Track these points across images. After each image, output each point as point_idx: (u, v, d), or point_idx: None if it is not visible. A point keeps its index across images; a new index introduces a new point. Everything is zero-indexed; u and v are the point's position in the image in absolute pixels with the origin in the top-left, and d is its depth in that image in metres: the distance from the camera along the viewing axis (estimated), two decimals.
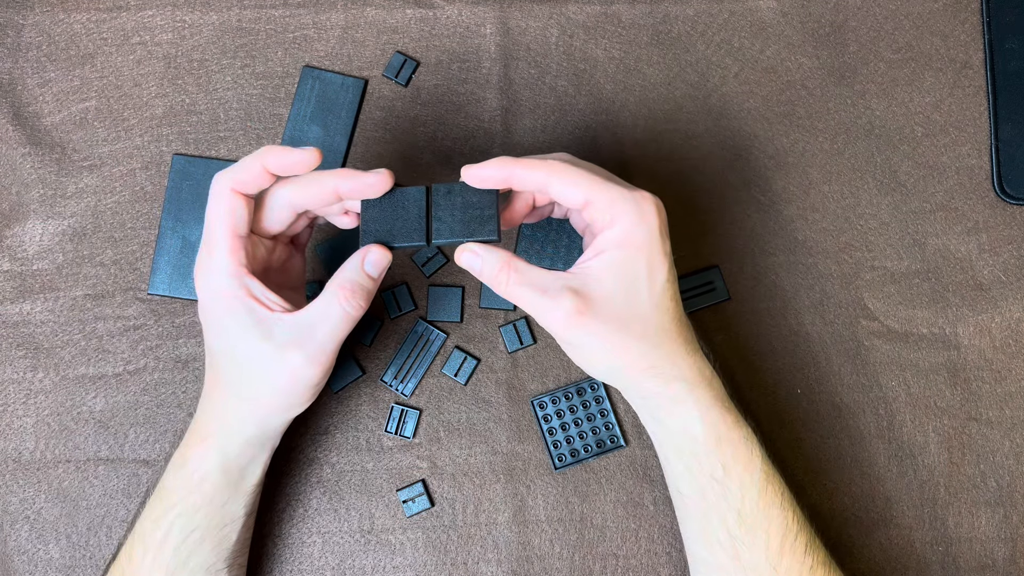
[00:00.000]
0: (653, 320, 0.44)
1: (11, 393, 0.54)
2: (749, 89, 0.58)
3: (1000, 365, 0.56)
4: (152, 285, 0.55)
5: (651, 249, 0.43)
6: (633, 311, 0.43)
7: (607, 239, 0.43)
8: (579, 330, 0.43)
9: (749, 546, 0.44)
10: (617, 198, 0.43)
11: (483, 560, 0.54)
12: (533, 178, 0.44)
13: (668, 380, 0.45)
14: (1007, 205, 0.57)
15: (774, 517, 0.45)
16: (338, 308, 0.44)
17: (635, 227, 0.43)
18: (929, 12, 0.59)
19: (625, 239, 0.43)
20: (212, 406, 0.46)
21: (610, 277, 0.43)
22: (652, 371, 0.44)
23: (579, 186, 0.43)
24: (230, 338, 0.44)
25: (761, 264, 0.56)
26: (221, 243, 0.43)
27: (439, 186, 0.45)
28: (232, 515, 0.47)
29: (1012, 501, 0.54)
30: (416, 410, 0.55)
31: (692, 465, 0.45)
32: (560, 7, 0.58)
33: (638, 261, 0.43)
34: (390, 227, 0.45)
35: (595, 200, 0.43)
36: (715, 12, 0.58)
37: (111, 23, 0.57)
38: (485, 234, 0.44)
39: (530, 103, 0.57)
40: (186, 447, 0.47)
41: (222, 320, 0.44)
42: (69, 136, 0.56)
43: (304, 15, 0.57)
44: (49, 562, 0.53)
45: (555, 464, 0.54)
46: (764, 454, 0.46)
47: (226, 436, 0.46)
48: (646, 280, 0.43)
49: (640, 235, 0.43)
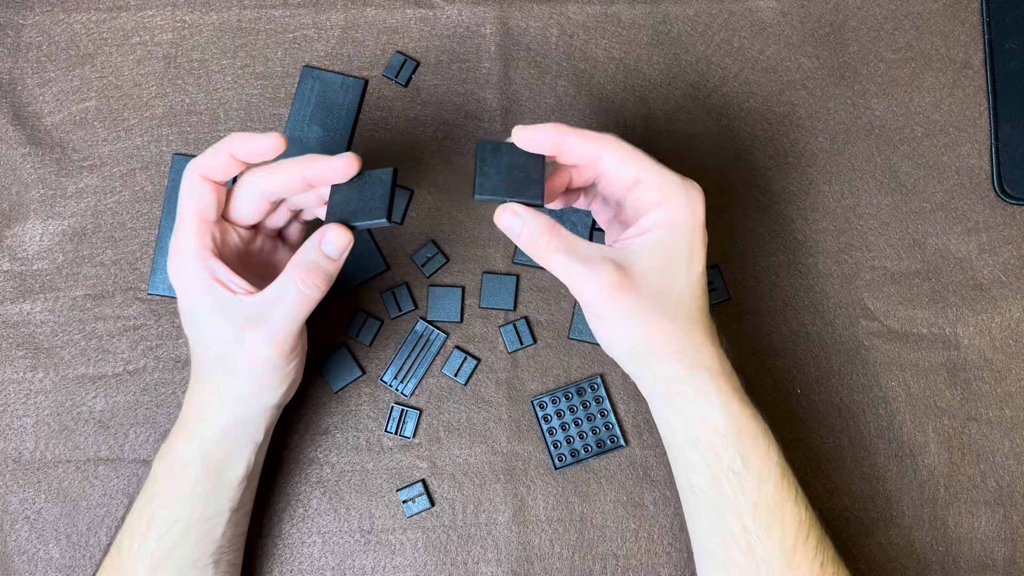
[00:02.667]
0: (686, 306, 0.44)
1: (11, 393, 0.54)
2: (749, 89, 0.58)
3: (1000, 365, 0.56)
4: (152, 285, 0.55)
5: (693, 236, 0.44)
6: (669, 293, 0.43)
7: (653, 219, 0.43)
8: (614, 303, 0.43)
9: (763, 540, 0.44)
10: (668, 181, 0.43)
11: (483, 560, 0.54)
12: (585, 149, 0.44)
13: (692, 367, 0.45)
14: (1007, 205, 0.57)
15: (788, 512, 0.45)
16: (294, 288, 0.43)
17: (682, 212, 0.43)
18: (929, 12, 0.59)
19: (672, 222, 0.43)
20: (192, 395, 0.47)
21: (652, 256, 0.43)
22: (678, 356, 0.44)
23: (631, 163, 0.43)
24: (198, 321, 0.45)
25: (761, 264, 0.56)
26: (188, 227, 0.44)
27: (486, 143, 0.44)
28: (216, 508, 0.47)
29: (1012, 501, 0.54)
30: (416, 410, 0.55)
31: (708, 456, 0.45)
32: (560, 7, 0.58)
33: (681, 245, 0.43)
34: (354, 207, 0.44)
35: (646, 180, 0.43)
36: (715, 12, 0.58)
37: (111, 23, 0.57)
38: (530, 196, 0.43)
39: (530, 103, 0.57)
40: (172, 437, 0.47)
41: (190, 305, 0.44)
42: (69, 136, 0.56)
43: (304, 15, 0.57)
44: (49, 562, 0.53)
45: (555, 464, 0.54)
46: (779, 449, 0.46)
47: (204, 424, 0.46)
48: (686, 265, 0.44)
49: (685, 220, 0.43)
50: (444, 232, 0.56)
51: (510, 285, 0.55)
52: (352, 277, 0.55)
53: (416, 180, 0.56)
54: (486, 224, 0.56)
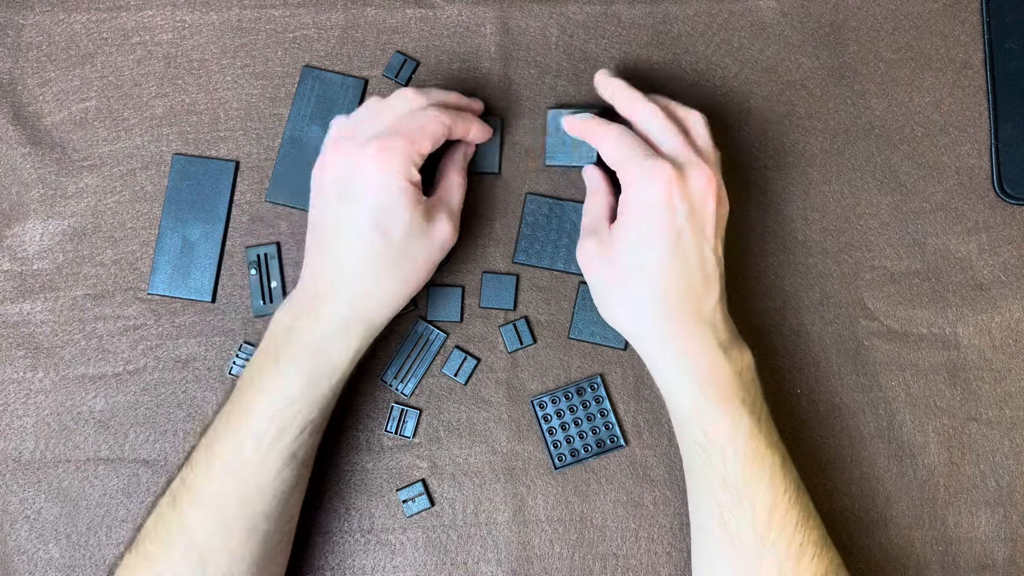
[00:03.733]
0: (662, 280, 0.47)
1: (11, 393, 0.55)
2: (749, 89, 0.58)
3: (1000, 365, 0.56)
4: (152, 285, 0.55)
5: (654, 213, 0.46)
6: (644, 267, 0.47)
7: (623, 199, 0.48)
8: (589, 272, 0.50)
9: (735, 514, 0.46)
10: (631, 164, 0.47)
11: (483, 560, 0.54)
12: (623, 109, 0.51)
13: (659, 350, 0.48)
14: (1007, 205, 0.57)
15: (761, 491, 0.46)
16: (456, 183, 0.52)
17: (640, 192, 0.47)
18: (929, 12, 0.59)
19: (635, 203, 0.47)
20: (351, 296, 0.48)
21: (627, 233, 0.47)
22: (645, 340, 0.49)
23: (611, 151, 0.49)
24: (396, 212, 0.47)
25: (761, 264, 0.56)
26: (420, 141, 0.48)
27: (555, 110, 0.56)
28: (329, 408, 0.49)
29: (1012, 501, 0.54)
30: (416, 410, 0.55)
31: (680, 429, 0.49)
32: (560, 7, 0.58)
33: (643, 224, 0.47)
34: None
35: (618, 165, 0.48)
36: (715, 12, 0.58)
37: (111, 23, 0.57)
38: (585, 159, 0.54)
39: (530, 103, 0.57)
40: (326, 338, 0.48)
41: (394, 197, 0.47)
42: (69, 136, 0.56)
43: (304, 15, 0.57)
44: (49, 562, 0.53)
45: (555, 464, 0.54)
46: (754, 430, 0.46)
47: (367, 324, 0.48)
48: (653, 241, 0.46)
49: (643, 200, 0.47)
50: None
51: (510, 285, 0.55)
52: None
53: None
54: (486, 224, 0.56)
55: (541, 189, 0.56)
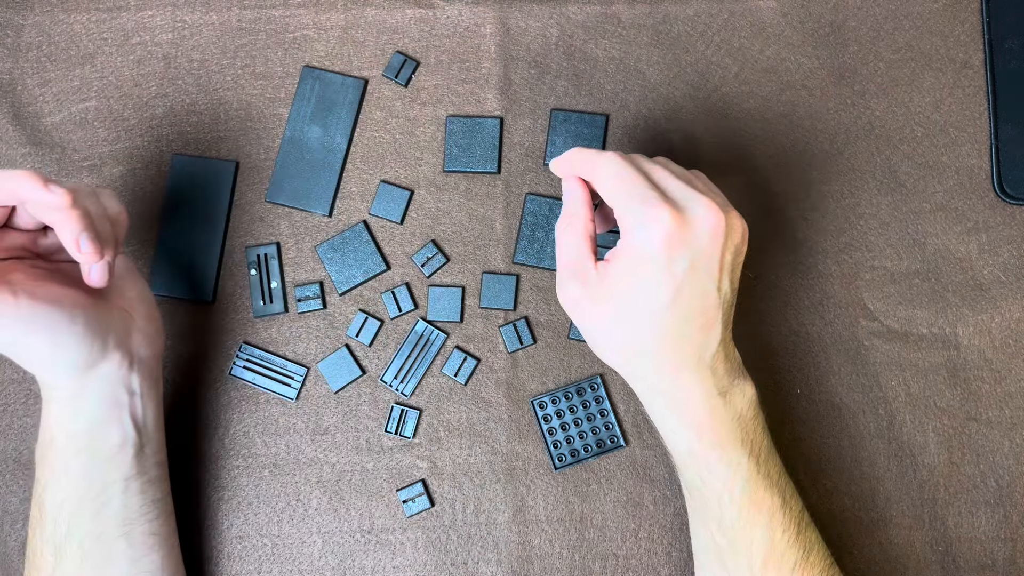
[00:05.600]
0: (652, 339, 0.43)
1: (11, 393, 0.54)
2: (749, 89, 0.58)
3: (1000, 365, 0.56)
4: (152, 285, 0.55)
5: (653, 266, 0.42)
6: (627, 323, 0.43)
7: (620, 245, 0.43)
8: (574, 316, 0.45)
9: (732, 557, 0.45)
10: (629, 213, 0.43)
11: (483, 560, 0.54)
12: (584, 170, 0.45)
13: (654, 394, 0.45)
14: (1007, 205, 0.57)
15: (757, 536, 0.45)
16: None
17: (638, 244, 0.42)
18: (929, 12, 0.59)
19: (632, 253, 0.43)
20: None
21: (620, 280, 0.43)
22: (639, 383, 0.46)
23: (607, 191, 0.44)
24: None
25: (761, 264, 0.56)
26: None
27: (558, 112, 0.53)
28: (103, 481, 0.46)
29: (1012, 501, 0.54)
30: (416, 410, 0.55)
31: (677, 469, 0.47)
32: (560, 7, 0.58)
33: (636, 276, 0.42)
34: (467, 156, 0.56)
35: (615, 208, 0.43)
36: (715, 12, 0.58)
37: (111, 23, 0.57)
38: None
39: (530, 103, 0.57)
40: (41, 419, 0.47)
41: None
42: (69, 136, 0.56)
43: (304, 15, 0.57)
44: None
45: (555, 464, 0.54)
46: (752, 473, 0.45)
47: (50, 401, 0.46)
48: (643, 296, 0.43)
49: (635, 250, 0.42)
50: (444, 232, 0.56)
51: (510, 285, 0.55)
52: (352, 277, 0.55)
53: (416, 180, 0.56)
54: (486, 224, 0.56)
55: (541, 189, 0.56)
